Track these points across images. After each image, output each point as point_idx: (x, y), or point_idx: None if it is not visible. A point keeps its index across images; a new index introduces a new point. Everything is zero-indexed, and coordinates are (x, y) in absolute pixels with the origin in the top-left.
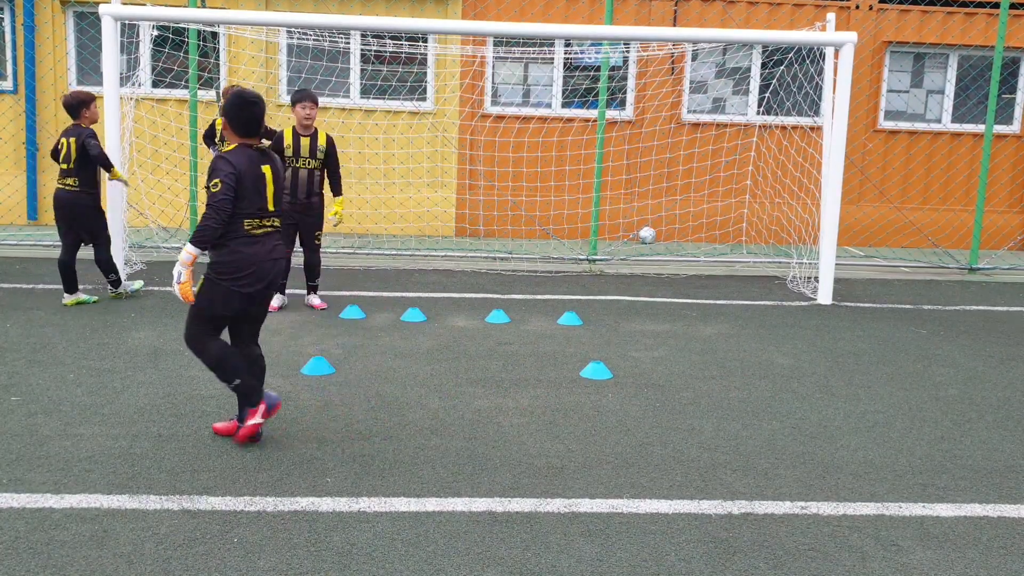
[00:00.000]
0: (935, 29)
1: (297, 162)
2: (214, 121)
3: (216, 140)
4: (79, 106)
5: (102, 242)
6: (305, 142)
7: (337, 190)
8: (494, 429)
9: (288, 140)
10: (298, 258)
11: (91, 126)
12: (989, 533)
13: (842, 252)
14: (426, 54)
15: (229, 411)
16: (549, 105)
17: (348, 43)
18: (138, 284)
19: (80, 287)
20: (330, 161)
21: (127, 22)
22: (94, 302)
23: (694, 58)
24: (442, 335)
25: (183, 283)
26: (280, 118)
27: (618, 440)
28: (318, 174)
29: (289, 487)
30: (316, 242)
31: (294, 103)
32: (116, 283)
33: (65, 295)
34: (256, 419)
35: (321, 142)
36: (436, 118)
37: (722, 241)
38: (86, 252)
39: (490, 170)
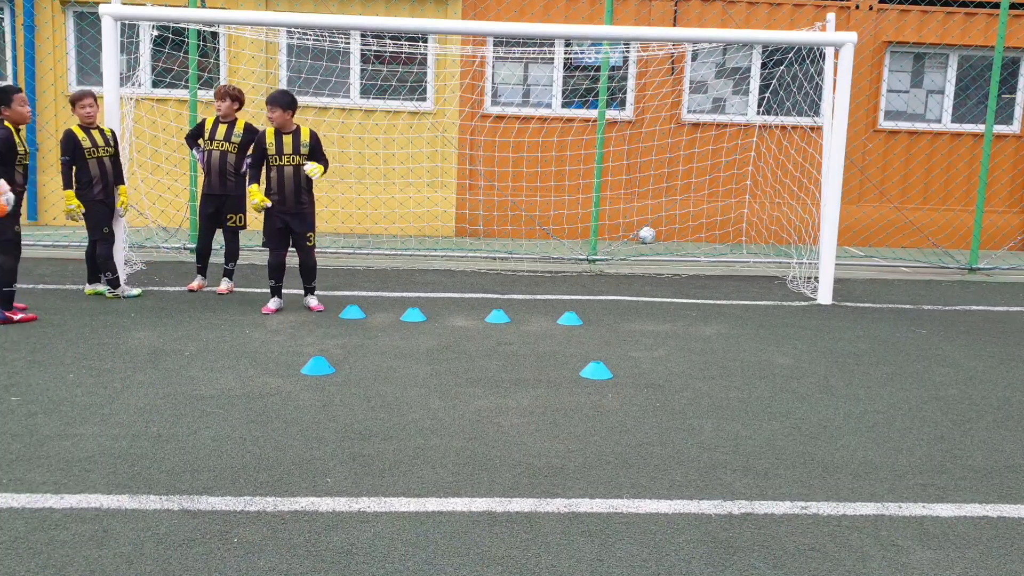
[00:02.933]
0: (935, 29)
1: (281, 159)
2: (203, 120)
3: (202, 139)
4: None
5: (98, 238)
6: (287, 139)
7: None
8: (494, 429)
9: (270, 139)
10: (292, 259)
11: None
12: (989, 533)
13: (842, 252)
14: (426, 54)
15: (229, 410)
16: (549, 105)
17: (348, 43)
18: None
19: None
20: (316, 156)
21: (127, 22)
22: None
23: (694, 58)
24: (442, 335)
25: None
26: None
27: (618, 440)
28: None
29: (289, 487)
30: (308, 243)
31: (266, 103)
32: (114, 283)
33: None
34: None
35: (304, 138)
36: (436, 118)
37: (722, 241)
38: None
39: (490, 170)
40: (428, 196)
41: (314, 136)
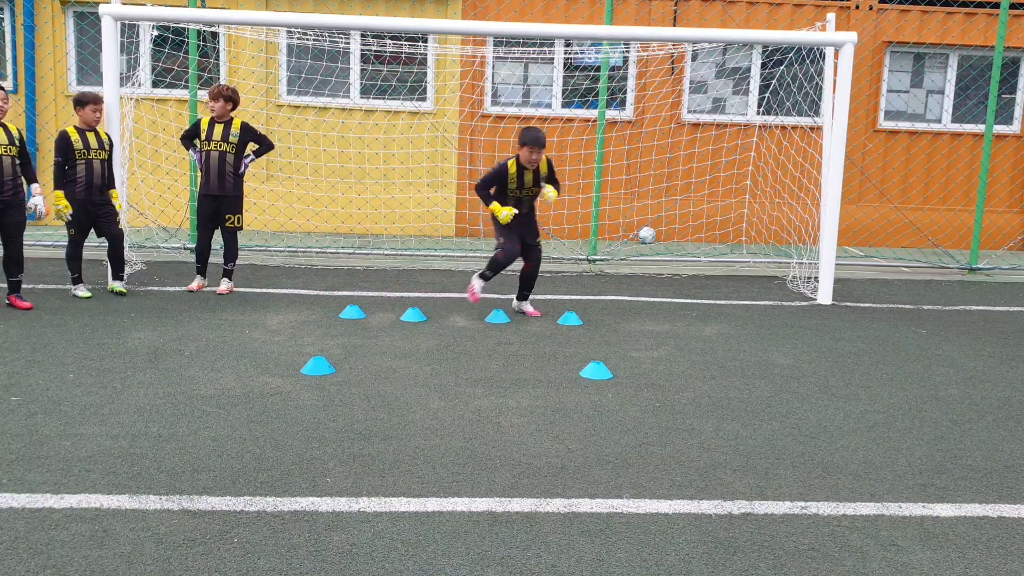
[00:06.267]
0: (935, 29)
1: (521, 192)
2: (199, 121)
3: (199, 139)
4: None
5: (70, 236)
6: (529, 175)
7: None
8: (494, 429)
9: (512, 173)
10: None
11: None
12: (989, 533)
13: (842, 252)
14: (426, 54)
15: (229, 410)
16: (549, 105)
17: (348, 43)
18: (86, 294)
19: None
20: (551, 181)
21: (127, 22)
22: (86, 297)
23: (694, 58)
24: (442, 335)
25: None
26: (280, 118)
27: (618, 440)
28: None
29: (289, 487)
30: (540, 251)
31: (523, 143)
32: (75, 283)
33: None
34: None
35: (543, 169)
36: (436, 118)
37: (722, 241)
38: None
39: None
40: (428, 196)
41: (549, 164)
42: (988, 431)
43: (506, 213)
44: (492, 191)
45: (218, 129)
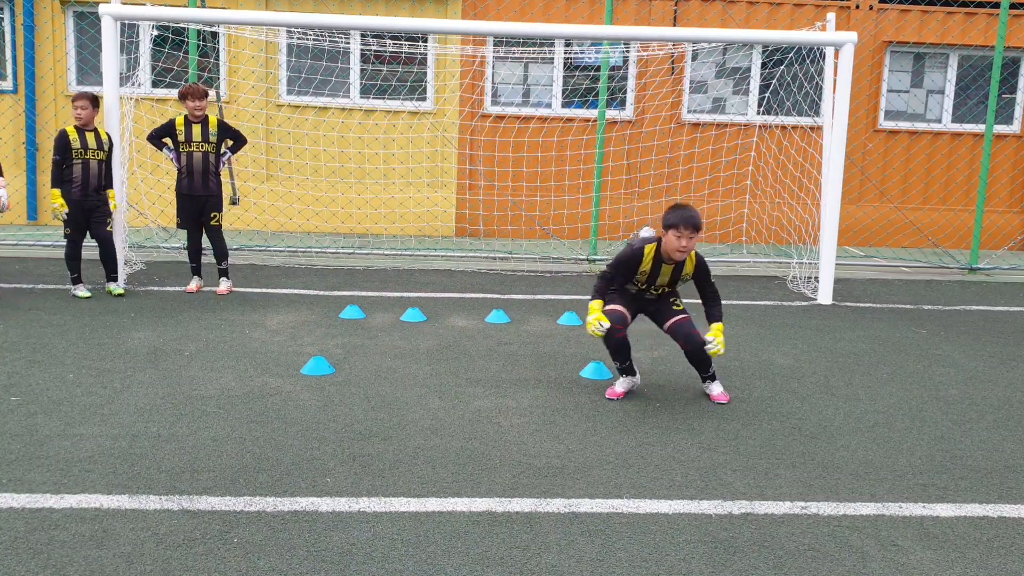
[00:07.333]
0: (935, 29)
1: (652, 288)
2: (172, 121)
3: (178, 140)
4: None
5: (65, 236)
6: (666, 270)
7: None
8: (494, 429)
9: (646, 265)
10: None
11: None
12: (989, 533)
13: (842, 252)
14: (426, 54)
15: (229, 410)
16: (549, 105)
17: (348, 43)
18: (85, 294)
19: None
20: (701, 280)
21: (127, 22)
22: (85, 297)
23: (694, 58)
24: (442, 335)
25: None
26: (280, 118)
27: (618, 440)
28: None
29: (289, 487)
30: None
31: (668, 225)
32: (74, 282)
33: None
34: None
35: (688, 269)
36: (436, 118)
37: (722, 241)
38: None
39: (490, 170)
40: (428, 196)
41: (699, 261)
42: (988, 431)
43: (592, 319)
44: (610, 286)
45: (196, 130)
